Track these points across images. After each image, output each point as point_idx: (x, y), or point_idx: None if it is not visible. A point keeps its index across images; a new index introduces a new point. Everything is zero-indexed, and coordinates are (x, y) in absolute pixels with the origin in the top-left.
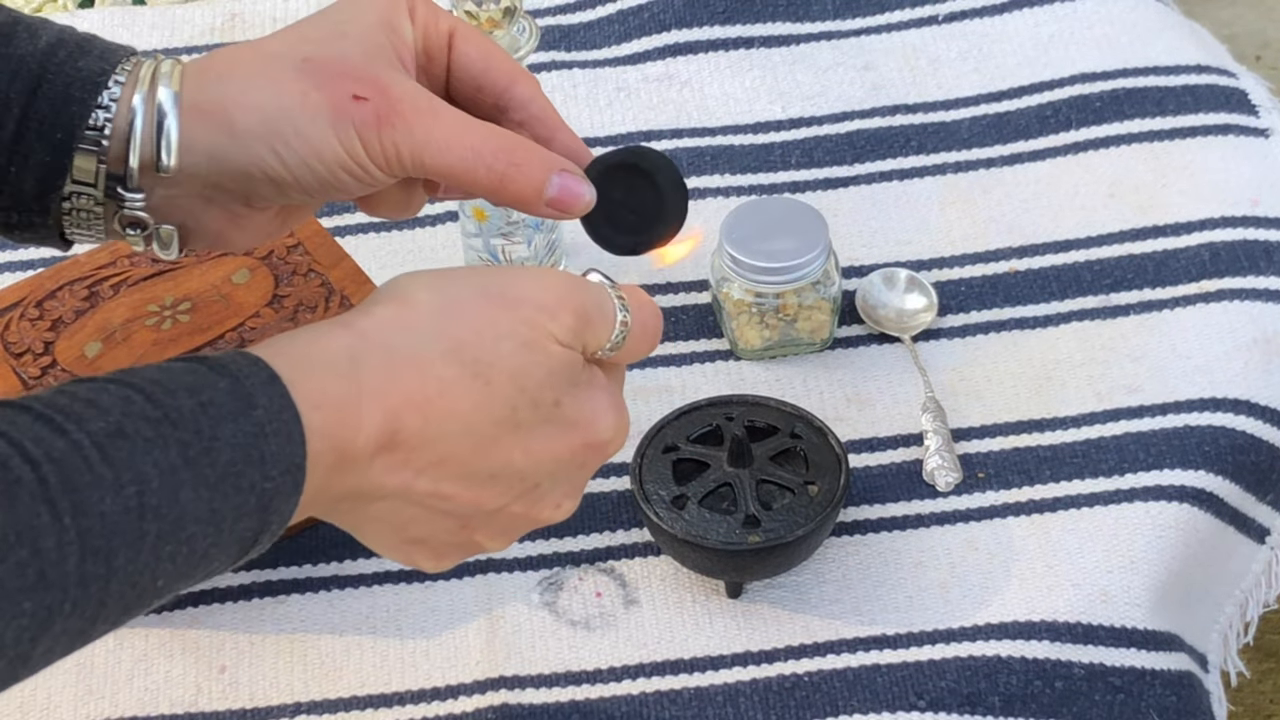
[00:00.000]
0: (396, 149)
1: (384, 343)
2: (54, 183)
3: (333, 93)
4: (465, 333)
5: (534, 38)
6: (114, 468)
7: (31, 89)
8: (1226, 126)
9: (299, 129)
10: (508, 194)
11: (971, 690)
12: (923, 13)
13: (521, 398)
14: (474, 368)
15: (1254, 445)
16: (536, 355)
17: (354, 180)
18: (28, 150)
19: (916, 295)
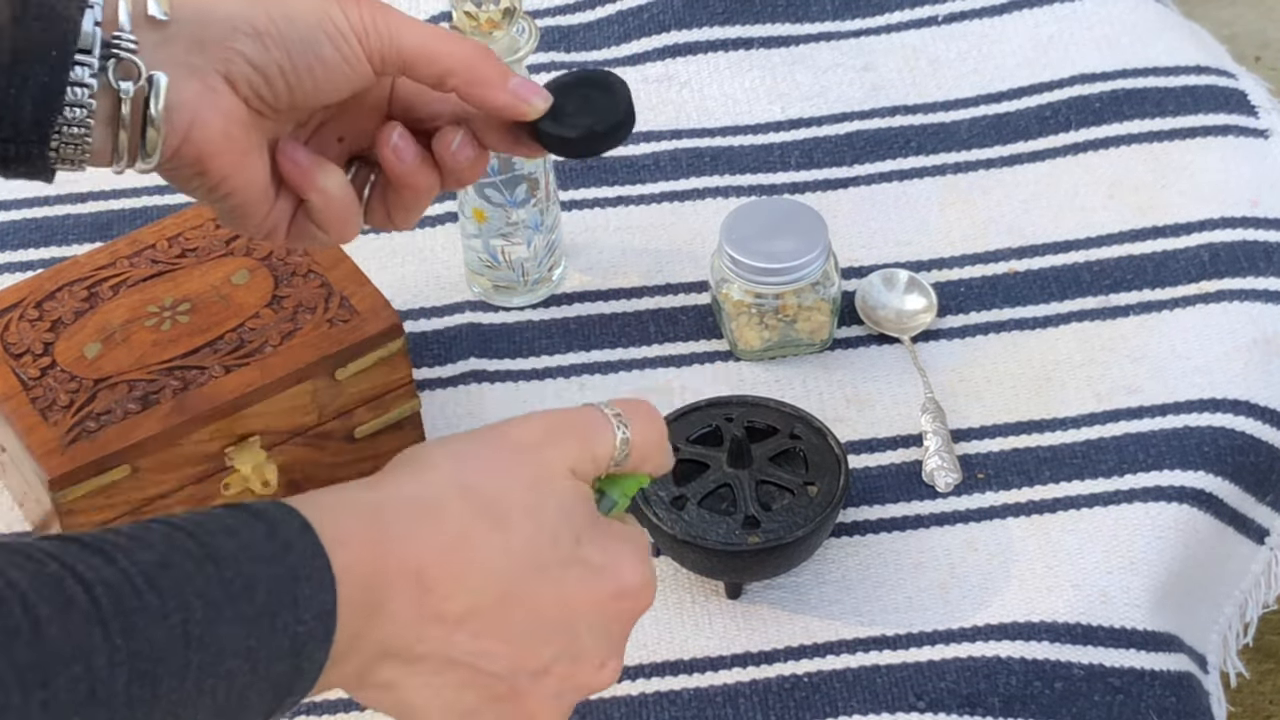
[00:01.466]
0: (374, 22)
1: (404, 495)
2: (53, 105)
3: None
4: (476, 479)
5: (533, 38)
6: (161, 596)
7: (17, 13)
8: (1226, 127)
9: (286, 4)
10: (477, 78)
11: (971, 691)
12: (922, 13)
13: (540, 535)
14: (488, 512)
15: (1253, 446)
16: (545, 490)
17: (335, 57)
18: (27, 72)
19: (916, 296)
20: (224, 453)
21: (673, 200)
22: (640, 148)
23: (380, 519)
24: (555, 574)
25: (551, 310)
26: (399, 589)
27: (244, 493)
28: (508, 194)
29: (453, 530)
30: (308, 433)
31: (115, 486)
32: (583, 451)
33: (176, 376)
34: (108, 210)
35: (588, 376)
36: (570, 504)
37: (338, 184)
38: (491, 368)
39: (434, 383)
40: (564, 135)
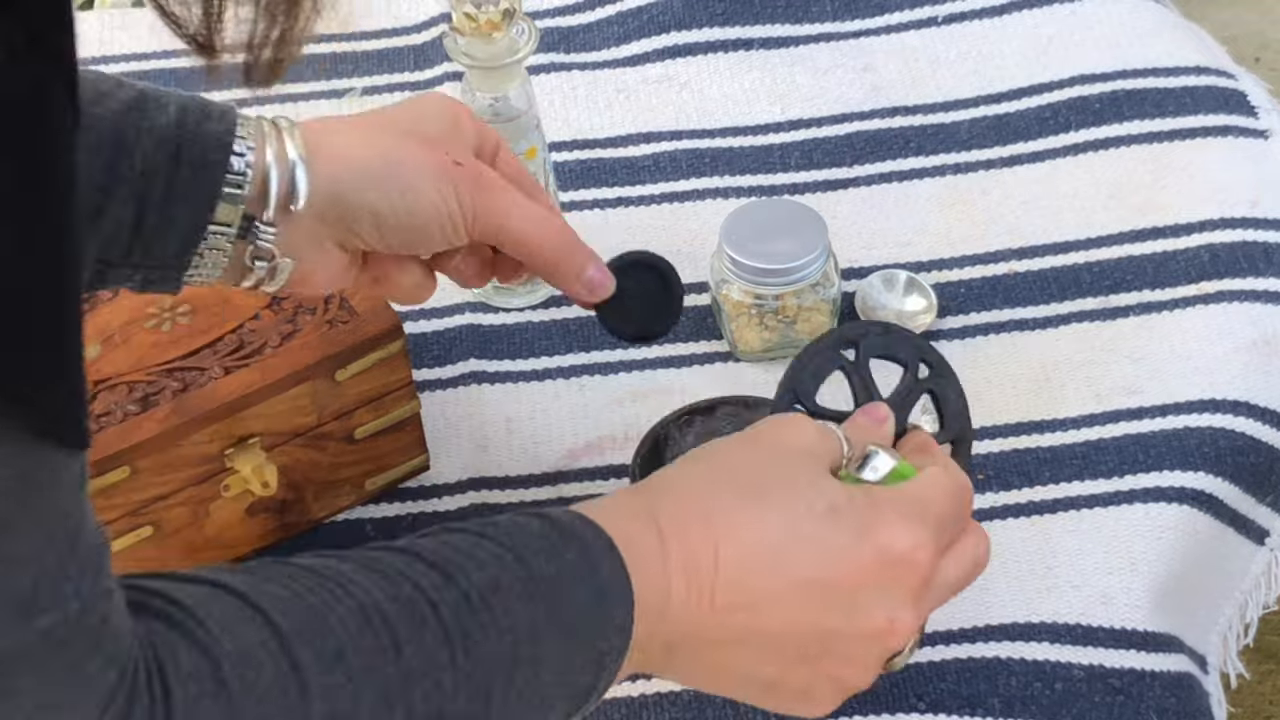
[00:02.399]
0: (485, 210)
1: (668, 487)
2: (196, 237)
3: (438, 156)
4: (729, 462)
5: (533, 39)
6: (494, 617)
7: (173, 156)
8: (1226, 128)
9: (408, 179)
10: (558, 269)
11: (971, 692)
12: (922, 14)
13: (797, 503)
14: (746, 490)
15: (1253, 447)
16: (792, 462)
17: (440, 232)
18: (174, 211)
19: (916, 297)
20: (224, 454)
21: (672, 201)
22: (640, 149)
23: (655, 521)
24: (815, 542)
25: (551, 311)
26: (678, 587)
27: (243, 494)
28: None
29: (718, 517)
30: (307, 434)
31: (115, 488)
32: (820, 440)
33: (176, 378)
34: None
35: (587, 377)
36: (817, 472)
37: (415, 280)
38: (491, 369)
39: (434, 384)
40: (619, 329)
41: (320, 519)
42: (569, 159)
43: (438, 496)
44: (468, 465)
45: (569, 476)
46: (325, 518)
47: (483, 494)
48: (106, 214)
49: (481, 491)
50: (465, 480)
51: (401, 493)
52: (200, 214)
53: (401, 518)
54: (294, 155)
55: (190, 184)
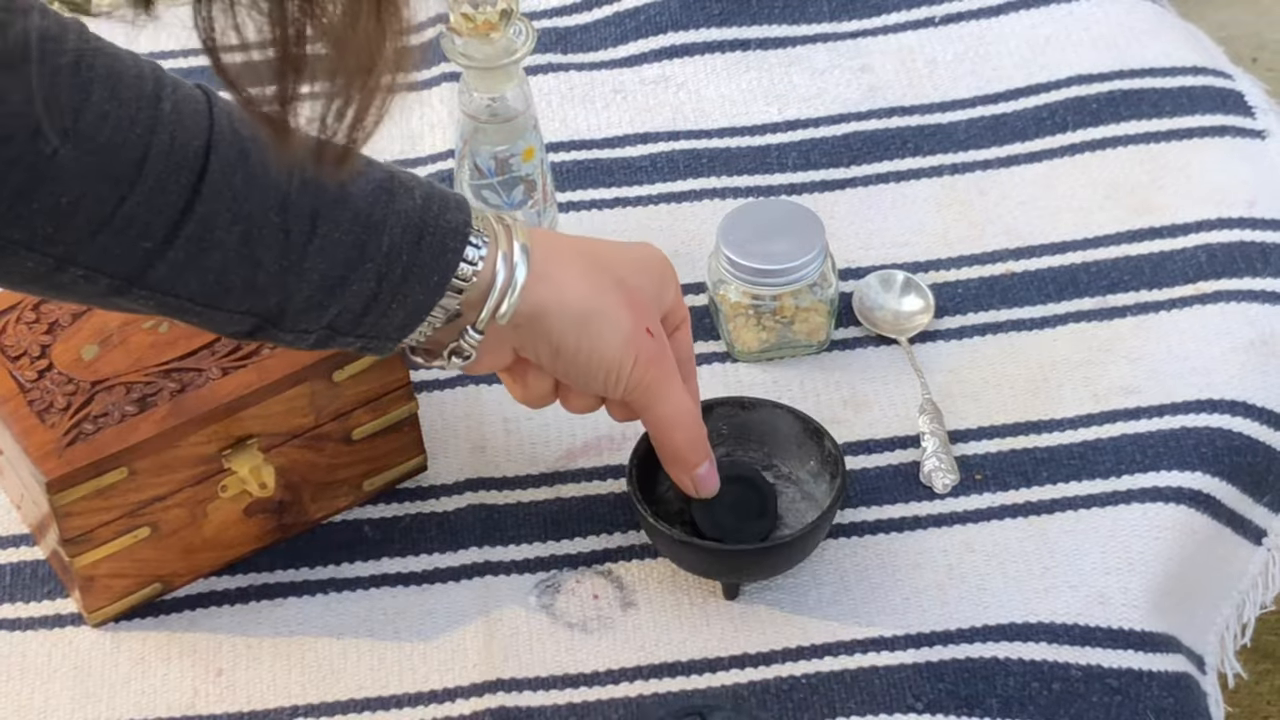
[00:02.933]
0: (649, 387)
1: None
2: (420, 317)
3: (637, 318)
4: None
5: (531, 40)
6: None
7: (416, 240)
8: (1223, 128)
9: (604, 332)
10: (679, 461)
11: (969, 692)
12: (919, 14)
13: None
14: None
15: (1250, 447)
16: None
17: (601, 384)
18: (408, 291)
19: (913, 297)
20: (221, 455)
21: (670, 202)
22: (637, 149)
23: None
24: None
25: None
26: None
27: (241, 495)
28: (505, 196)
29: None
30: (305, 435)
31: (113, 489)
32: None
33: (174, 379)
34: None
35: None
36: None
37: (544, 391)
38: None
39: (431, 384)
40: (703, 526)
41: (318, 520)
42: (566, 159)
43: (435, 497)
44: (465, 466)
45: (567, 477)
46: (323, 518)
47: (480, 495)
48: (349, 288)
49: (479, 492)
50: (463, 481)
51: (399, 493)
52: (431, 297)
53: (399, 518)
54: (520, 276)
55: (427, 269)
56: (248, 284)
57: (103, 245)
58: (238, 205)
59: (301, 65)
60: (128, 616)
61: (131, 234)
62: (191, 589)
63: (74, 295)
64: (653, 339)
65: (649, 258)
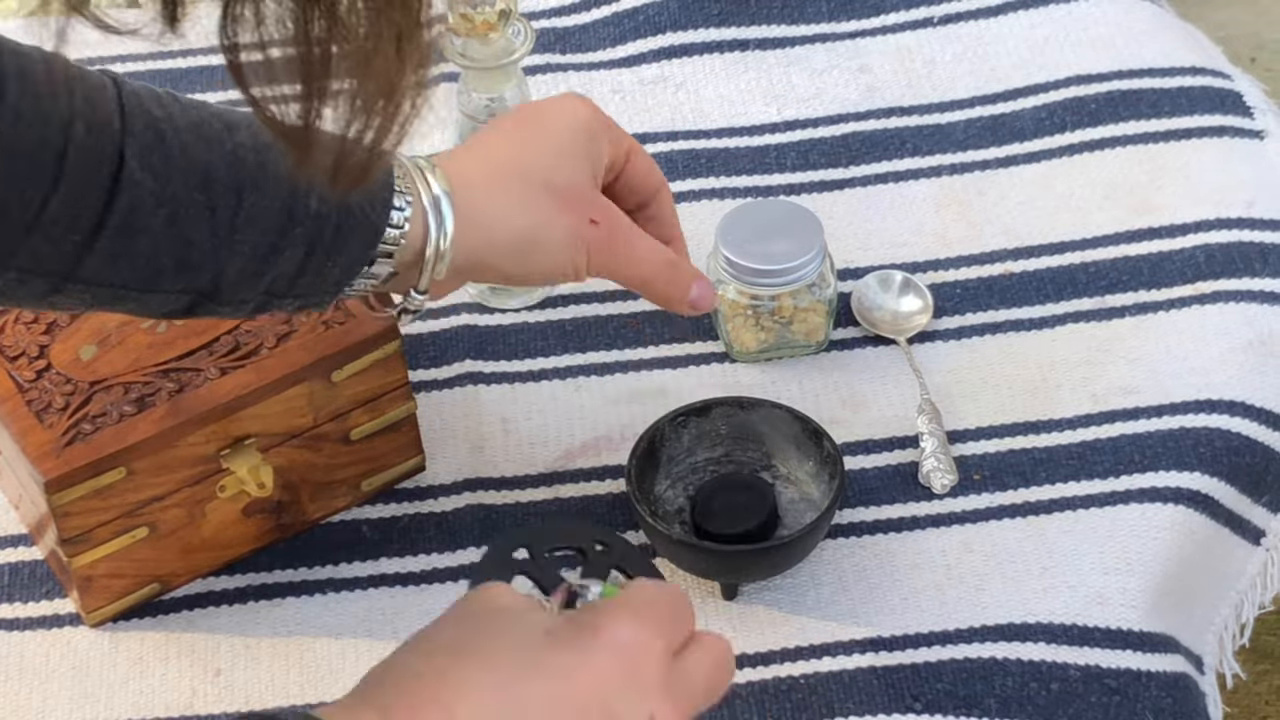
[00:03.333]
0: (607, 266)
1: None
2: (353, 274)
3: (574, 218)
4: (440, 636)
5: (529, 40)
6: None
7: (343, 200)
8: (1221, 128)
9: (544, 246)
10: (668, 300)
11: (968, 692)
12: (918, 14)
13: (515, 640)
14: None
15: (1249, 447)
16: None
17: (558, 280)
18: (341, 248)
19: (912, 297)
20: (220, 455)
21: None
22: None
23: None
24: (545, 663)
25: (547, 312)
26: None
27: (239, 495)
28: None
29: (447, 684)
30: (303, 435)
31: (111, 489)
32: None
33: (172, 379)
34: None
35: (584, 378)
36: (524, 613)
37: None
38: (487, 369)
39: (430, 384)
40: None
41: (316, 520)
42: None
43: (434, 497)
44: (464, 466)
45: (565, 477)
46: (321, 518)
47: (479, 495)
48: (281, 254)
49: (478, 492)
50: (461, 481)
51: (398, 493)
52: (362, 255)
53: (398, 518)
54: (448, 226)
55: (357, 225)
56: (181, 263)
57: (33, 247)
58: (160, 188)
59: (325, 87)
60: (126, 616)
61: (59, 230)
62: (190, 589)
63: (11, 300)
64: (597, 226)
65: (569, 129)
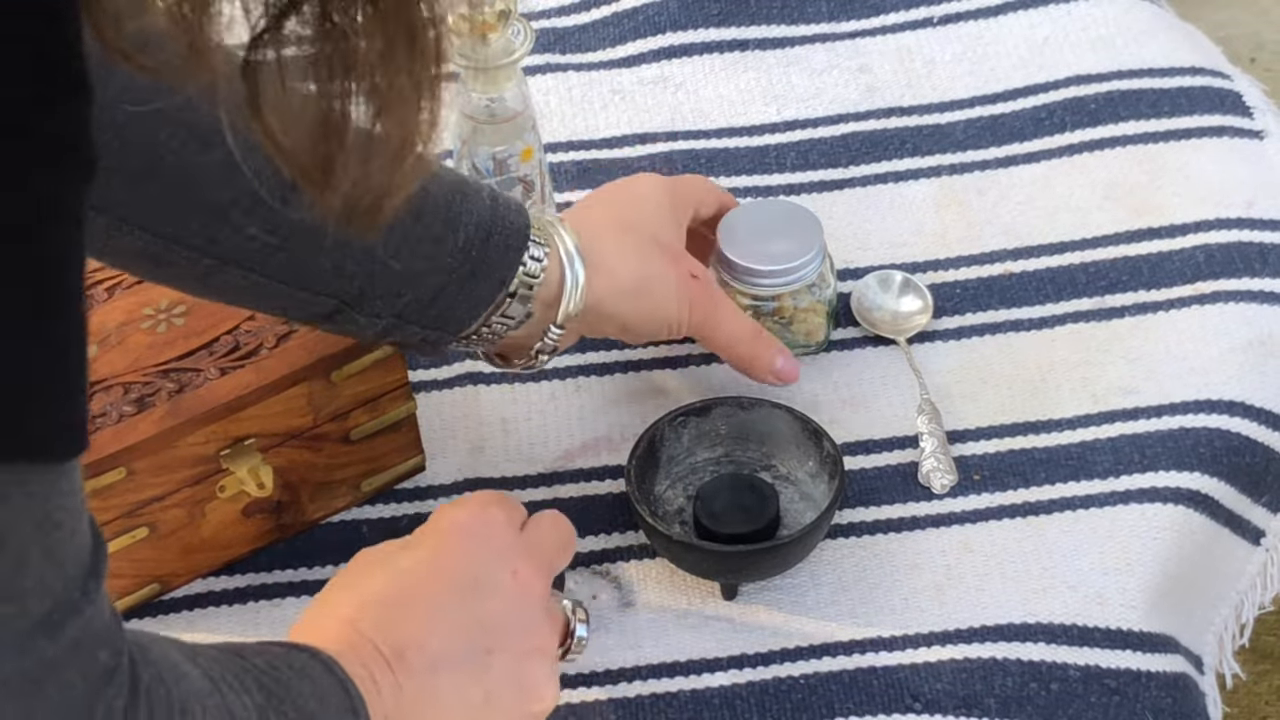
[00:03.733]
0: (706, 322)
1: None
2: (478, 311)
3: (680, 269)
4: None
5: (529, 40)
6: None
7: (485, 238)
8: (1221, 129)
9: (658, 298)
10: (753, 366)
11: (967, 692)
12: (918, 15)
13: (375, 560)
14: (343, 585)
15: (1249, 447)
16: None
17: (665, 333)
18: (475, 285)
19: (911, 297)
20: (219, 455)
21: None
22: (635, 149)
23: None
24: (408, 571)
25: None
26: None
27: (239, 495)
28: None
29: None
30: (303, 435)
31: (111, 489)
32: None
33: (172, 379)
34: None
35: (583, 379)
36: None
37: None
38: (487, 370)
39: (430, 384)
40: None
41: (316, 520)
42: (565, 160)
43: (434, 498)
44: (464, 466)
45: (565, 477)
46: (321, 518)
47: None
48: (425, 279)
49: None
50: (461, 481)
51: (398, 494)
52: (493, 291)
53: (398, 518)
54: (579, 272)
55: (494, 265)
56: (337, 269)
57: (214, 231)
58: None
59: (345, 133)
60: (126, 617)
61: (240, 216)
62: (190, 589)
63: (164, 274)
64: (696, 280)
65: (658, 194)
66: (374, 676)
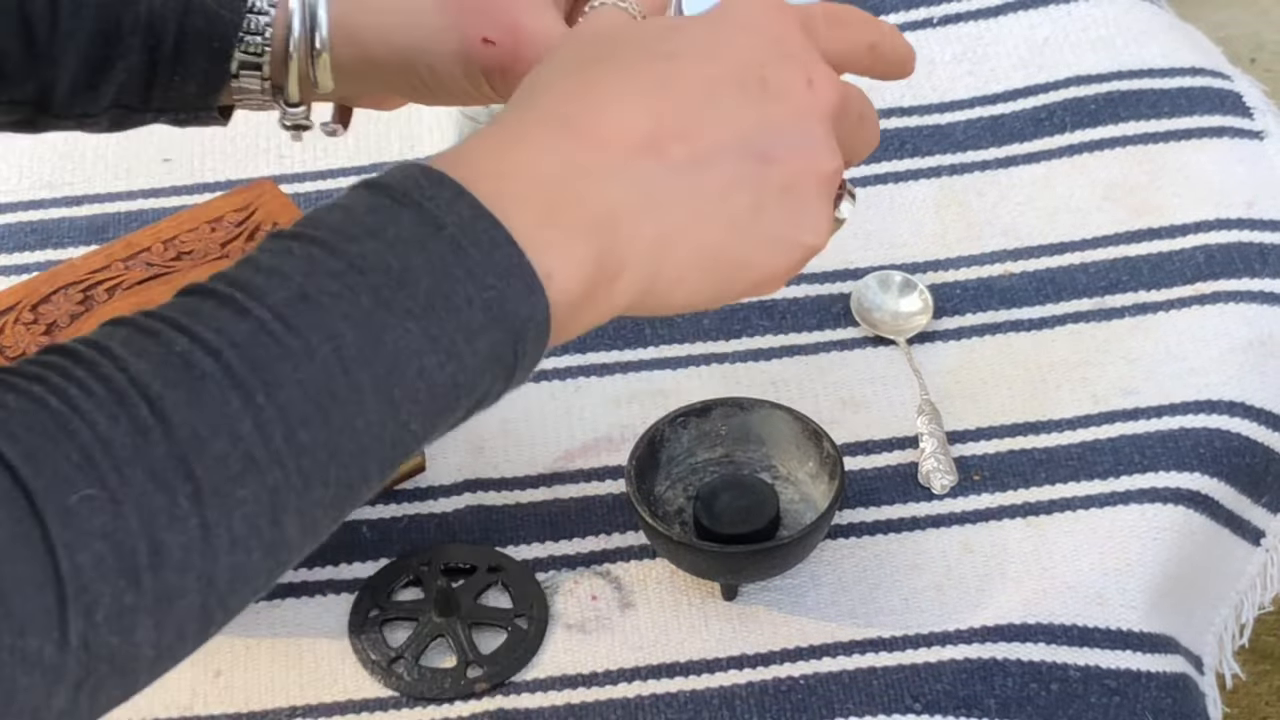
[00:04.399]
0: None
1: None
2: (215, 85)
3: (464, 34)
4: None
5: None
6: (301, 335)
7: (183, 7)
8: (1221, 129)
9: (431, 65)
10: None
11: (967, 693)
12: (917, 15)
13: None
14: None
15: (1249, 447)
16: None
17: (476, 100)
18: (189, 61)
19: (911, 298)
20: None
21: None
22: None
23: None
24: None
25: None
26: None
27: None
28: None
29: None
30: None
31: None
32: None
33: None
34: (103, 213)
35: (583, 379)
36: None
37: None
38: None
39: None
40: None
41: None
42: None
43: (434, 498)
44: (464, 467)
45: (565, 478)
46: None
47: (479, 495)
48: (114, 65)
49: (478, 493)
50: (461, 482)
51: (398, 494)
52: (218, 65)
53: (397, 519)
54: (322, 27)
55: (203, 35)
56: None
57: None
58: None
59: None
60: None
61: None
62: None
63: None
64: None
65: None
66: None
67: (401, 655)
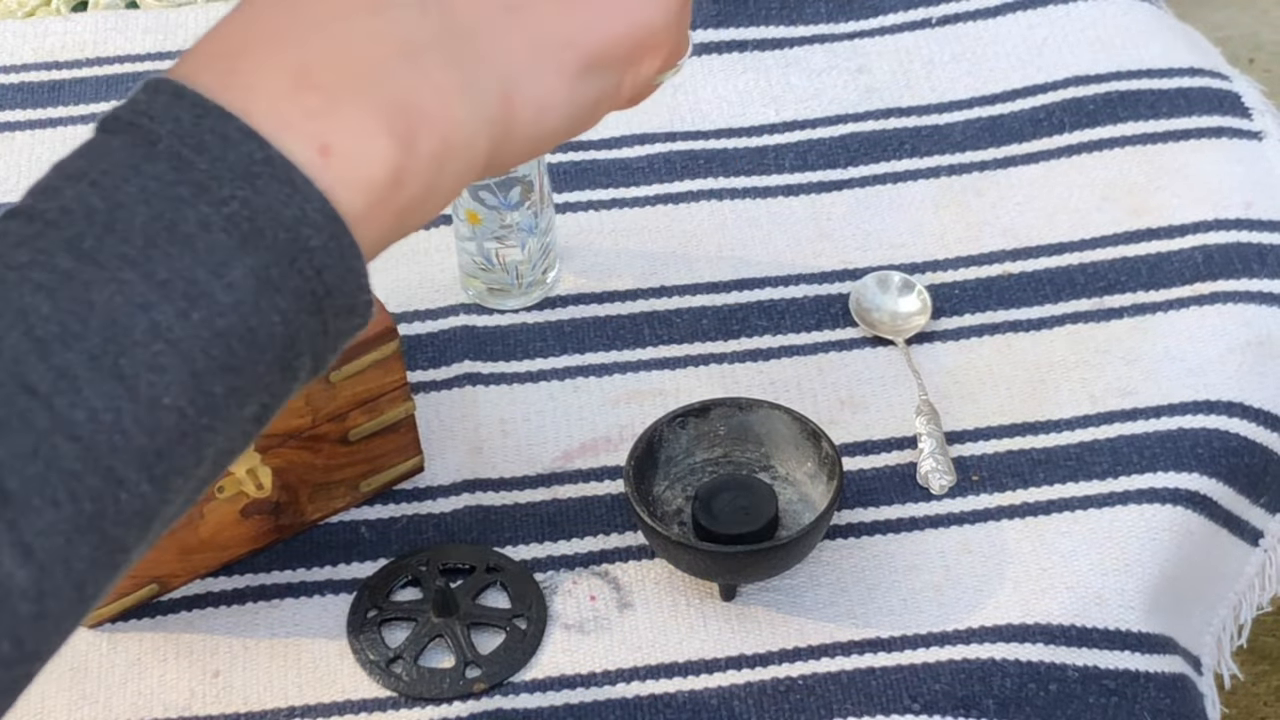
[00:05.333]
0: None
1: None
2: None
3: None
4: None
5: None
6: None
7: None
8: (1220, 129)
9: None
10: None
11: (966, 693)
12: (916, 16)
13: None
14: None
15: (1247, 448)
16: None
17: None
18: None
19: (910, 298)
20: None
21: (667, 203)
22: (634, 150)
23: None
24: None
25: (545, 313)
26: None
27: (238, 496)
28: (502, 196)
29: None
30: (302, 435)
31: None
32: None
33: None
34: None
35: (582, 379)
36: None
37: None
38: (486, 370)
39: (428, 385)
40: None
41: (315, 520)
42: (563, 160)
43: (432, 498)
44: (462, 467)
45: (564, 478)
46: (320, 519)
47: (477, 496)
48: None
49: (476, 493)
50: (460, 482)
51: (396, 494)
52: None
53: (396, 519)
54: None
55: None
56: None
57: None
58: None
59: None
60: (124, 617)
61: None
62: (188, 590)
63: None
64: None
65: None
66: None
67: (400, 655)
